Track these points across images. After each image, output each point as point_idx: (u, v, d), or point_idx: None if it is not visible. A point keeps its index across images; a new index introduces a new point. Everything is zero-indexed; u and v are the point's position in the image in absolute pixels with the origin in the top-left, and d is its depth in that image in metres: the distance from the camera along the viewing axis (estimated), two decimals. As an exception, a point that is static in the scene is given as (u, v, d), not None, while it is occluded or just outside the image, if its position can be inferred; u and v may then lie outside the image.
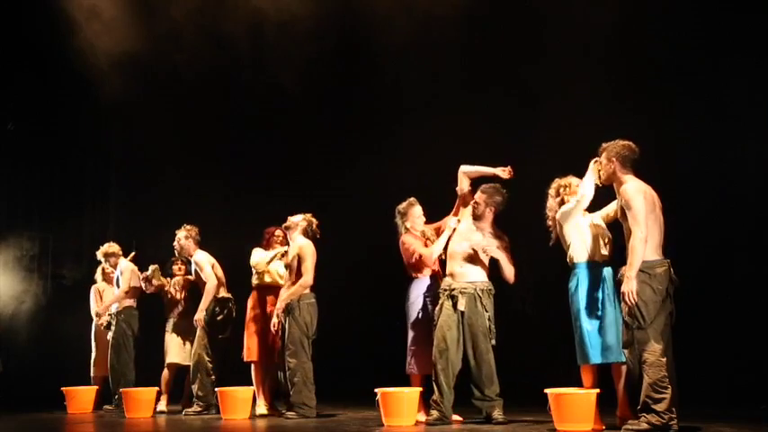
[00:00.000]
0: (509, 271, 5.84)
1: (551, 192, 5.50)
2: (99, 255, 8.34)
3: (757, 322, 6.65)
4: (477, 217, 5.91)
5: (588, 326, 5.27)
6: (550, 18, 7.66)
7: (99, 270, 8.58)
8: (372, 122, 8.86)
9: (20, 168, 10.15)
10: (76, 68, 8.80)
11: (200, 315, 7.27)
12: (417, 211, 6.31)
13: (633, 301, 4.60)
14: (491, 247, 5.80)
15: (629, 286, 4.62)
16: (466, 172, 6.03)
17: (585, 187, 5.18)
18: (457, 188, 6.06)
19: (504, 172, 5.91)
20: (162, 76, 9.05)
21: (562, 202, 5.40)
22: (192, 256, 7.45)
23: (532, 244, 6.82)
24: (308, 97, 8.92)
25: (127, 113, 9.82)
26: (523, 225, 6.96)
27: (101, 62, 8.76)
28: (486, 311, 5.76)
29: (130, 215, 9.64)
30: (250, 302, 7.11)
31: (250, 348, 7.00)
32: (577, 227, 5.30)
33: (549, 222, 5.48)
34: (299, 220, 6.75)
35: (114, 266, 8.21)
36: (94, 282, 8.60)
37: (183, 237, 7.46)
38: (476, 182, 6.06)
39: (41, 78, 9.86)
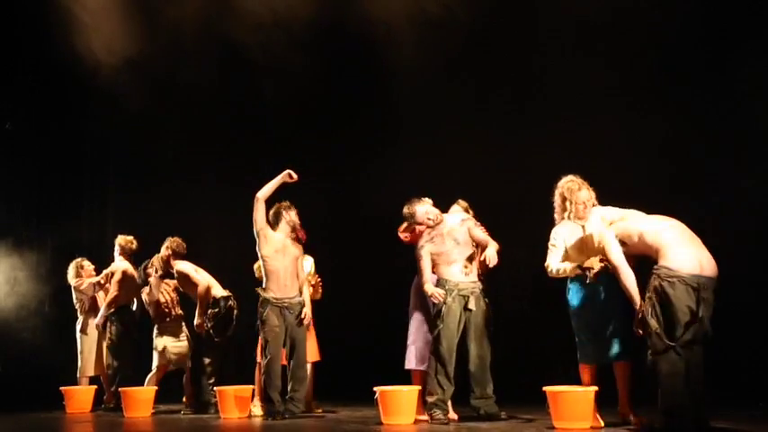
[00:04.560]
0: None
1: (557, 199, 5.41)
2: (120, 242, 8.14)
3: (756, 320, 6.65)
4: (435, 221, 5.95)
5: (585, 325, 5.27)
6: (554, 19, 7.67)
7: (73, 266, 8.37)
8: (377, 124, 8.84)
9: (18, 168, 10.14)
10: (75, 68, 8.80)
11: (198, 321, 7.28)
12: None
13: None
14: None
15: None
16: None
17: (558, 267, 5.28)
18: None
19: None
20: (162, 77, 9.05)
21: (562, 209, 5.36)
22: (173, 269, 7.48)
23: (532, 242, 6.84)
24: (311, 99, 8.91)
25: (126, 113, 9.81)
26: (523, 223, 6.98)
27: (100, 62, 8.76)
28: (489, 310, 5.83)
29: (129, 216, 9.62)
30: None
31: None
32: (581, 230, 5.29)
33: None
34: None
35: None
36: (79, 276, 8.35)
37: (164, 248, 7.50)
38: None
39: (40, 78, 9.85)
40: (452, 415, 5.93)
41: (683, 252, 4.64)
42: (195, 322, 7.28)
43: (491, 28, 7.95)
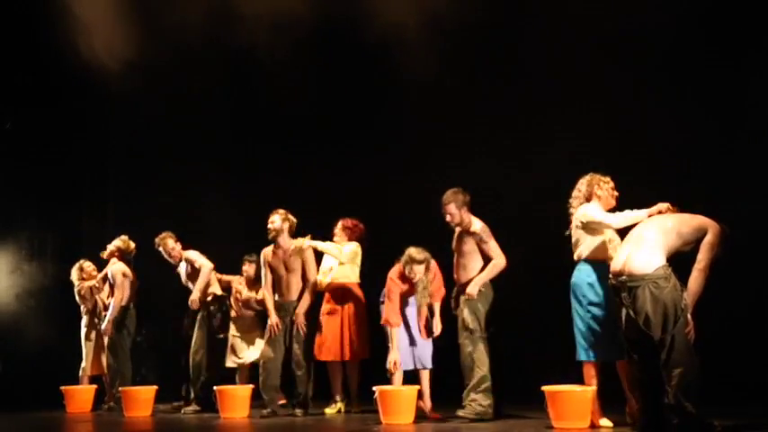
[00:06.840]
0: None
1: (582, 187, 5.38)
2: (120, 244, 8.13)
3: (756, 320, 6.66)
4: (460, 225, 5.94)
5: (589, 323, 5.25)
6: (559, 21, 7.67)
7: (76, 268, 8.44)
8: (380, 124, 8.84)
9: (17, 167, 10.13)
10: (75, 66, 8.79)
11: (194, 296, 7.32)
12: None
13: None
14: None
15: None
16: None
17: (620, 218, 5.11)
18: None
19: None
20: (163, 77, 9.04)
21: (590, 196, 5.34)
22: (180, 260, 7.55)
23: (531, 241, 6.85)
24: (313, 100, 8.90)
25: (127, 113, 9.81)
26: (523, 222, 6.99)
27: (101, 59, 8.75)
28: (466, 308, 5.84)
29: (129, 215, 9.63)
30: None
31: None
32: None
33: (572, 212, 5.40)
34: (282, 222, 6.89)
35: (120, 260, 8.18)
36: (83, 279, 8.40)
37: (171, 241, 7.59)
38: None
39: (40, 78, 9.85)
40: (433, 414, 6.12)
41: None
42: (191, 298, 7.31)
43: (496, 29, 7.95)
